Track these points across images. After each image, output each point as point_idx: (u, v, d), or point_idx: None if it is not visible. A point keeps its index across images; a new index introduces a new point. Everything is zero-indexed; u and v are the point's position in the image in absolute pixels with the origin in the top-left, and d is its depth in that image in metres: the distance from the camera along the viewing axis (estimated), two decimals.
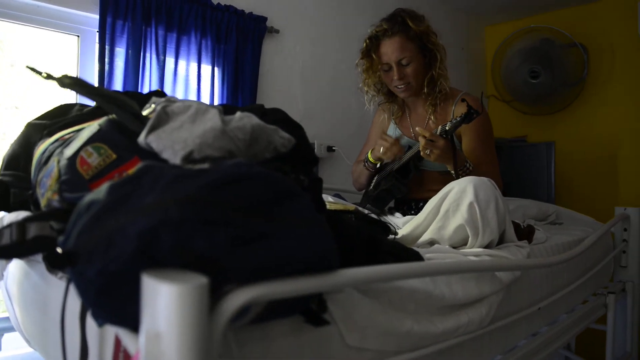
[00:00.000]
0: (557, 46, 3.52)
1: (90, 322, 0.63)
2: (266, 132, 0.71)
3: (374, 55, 1.78)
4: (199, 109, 0.69)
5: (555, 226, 2.10)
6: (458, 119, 1.54)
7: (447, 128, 1.56)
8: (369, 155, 1.87)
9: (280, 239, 0.52)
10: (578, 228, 2.01)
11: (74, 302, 0.63)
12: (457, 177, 1.59)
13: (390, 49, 1.74)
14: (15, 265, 1.03)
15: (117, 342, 0.62)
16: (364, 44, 1.81)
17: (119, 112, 0.72)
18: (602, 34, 3.52)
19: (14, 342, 1.47)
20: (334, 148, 2.72)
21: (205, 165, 0.58)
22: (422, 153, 1.60)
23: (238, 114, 0.71)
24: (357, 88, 1.97)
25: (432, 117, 1.83)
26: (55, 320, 0.72)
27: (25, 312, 1.01)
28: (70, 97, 1.84)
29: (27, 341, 1.09)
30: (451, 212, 1.26)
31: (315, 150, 2.63)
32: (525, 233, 1.47)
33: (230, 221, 0.49)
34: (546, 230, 1.77)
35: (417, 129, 1.58)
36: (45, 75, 0.70)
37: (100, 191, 0.53)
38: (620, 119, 3.46)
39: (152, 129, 0.66)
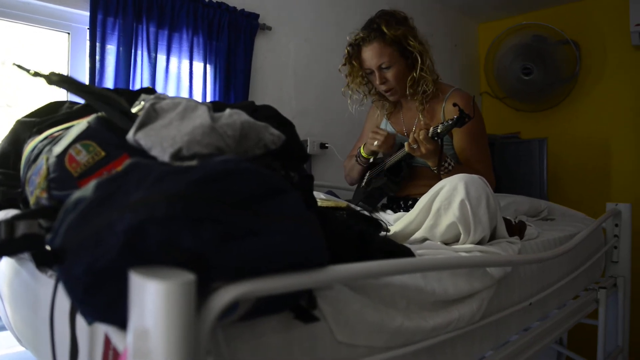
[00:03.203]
0: (549, 43, 3.53)
1: (80, 320, 0.62)
2: (256, 129, 0.71)
3: (354, 62, 1.82)
4: (188, 106, 0.68)
5: (547, 222, 2.11)
6: (450, 122, 1.54)
7: (438, 131, 1.57)
8: (362, 150, 1.88)
9: (269, 236, 0.52)
10: (570, 224, 2.02)
11: (64, 301, 0.63)
12: (439, 176, 1.61)
13: (369, 55, 1.77)
14: (5, 264, 1.02)
15: (107, 340, 0.62)
16: (346, 51, 1.84)
17: (107, 109, 0.72)
18: (594, 30, 3.54)
19: (6, 341, 1.46)
20: (327, 145, 2.72)
21: (194, 162, 0.58)
22: (407, 148, 1.62)
23: (227, 111, 0.71)
24: (342, 92, 1.98)
25: (426, 113, 1.84)
26: (45, 319, 0.72)
27: (15, 310, 1.00)
28: (62, 94, 1.83)
29: (19, 340, 1.09)
30: (443, 210, 1.27)
31: (308, 147, 2.63)
32: (516, 229, 1.47)
33: (218, 217, 0.49)
34: (538, 226, 1.77)
35: (418, 131, 1.60)
36: (32, 72, 0.69)
37: (87, 188, 0.53)
38: (612, 115, 3.48)
39: (141, 126, 0.66)
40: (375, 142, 1.80)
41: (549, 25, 3.55)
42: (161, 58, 2.07)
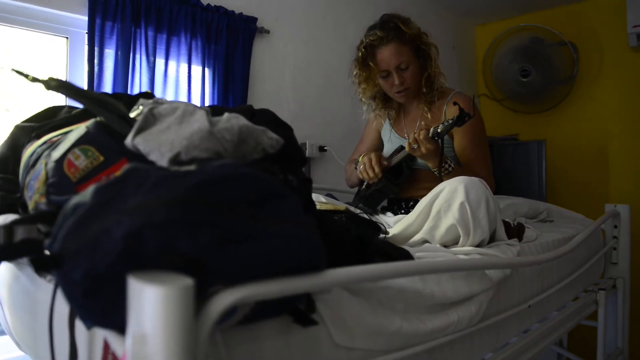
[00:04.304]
0: (547, 45, 3.54)
1: (79, 325, 0.63)
2: (254, 133, 0.72)
3: (371, 64, 1.78)
4: (186, 111, 0.69)
5: (546, 224, 2.11)
6: (450, 121, 1.54)
7: (439, 130, 1.57)
8: (361, 159, 1.88)
9: (267, 239, 0.52)
10: (569, 225, 2.03)
11: (63, 305, 0.63)
12: (440, 177, 1.61)
13: (387, 55, 1.75)
14: (4, 269, 1.02)
15: (106, 345, 0.62)
16: (359, 54, 1.81)
17: (105, 114, 0.72)
18: (592, 32, 3.55)
19: (5, 346, 1.46)
20: (325, 148, 2.72)
21: (192, 167, 0.58)
22: (408, 148, 1.61)
23: (226, 115, 0.71)
24: (350, 96, 1.97)
25: (428, 116, 1.84)
26: (44, 324, 0.72)
27: (15, 315, 1.00)
28: (61, 99, 1.83)
29: (18, 345, 1.08)
30: (443, 212, 1.27)
31: (307, 150, 2.63)
32: (515, 231, 1.47)
33: (216, 222, 0.49)
34: (537, 228, 1.77)
35: (418, 131, 1.59)
36: (31, 78, 0.70)
37: (86, 194, 0.53)
38: (610, 116, 3.49)
39: (139, 131, 0.66)
40: (362, 166, 1.79)
41: (547, 27, 3.56)
42: (160, 62, 2.07)
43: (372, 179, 1.76)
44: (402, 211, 1.82)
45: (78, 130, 0.75)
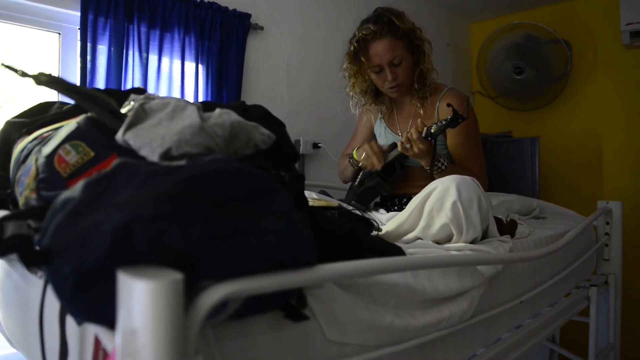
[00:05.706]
0: (541, 42, 3.55)
1: (70, 321, 0.62)
2: (246, 129, 0.71)
3: (363, 59, 1.77)
4: (177, 106, 0.68)
5: (538, 220, 2.12)
6: (444, 122, 1.54)
7: (432, 131, 1.57)
8: (354, 153, 1.87)
9: (258, 235, 0.52)
10: (561, 222, 2.04)
11: (54, 302, 0.62)
12: (431, 176, 1.61)
13: (381, 50, 1.73)
14: None
15: (97, 341, 0.62)
16: (351, 48, 1.79)
17: (96, 109, 0.72)
18: (585, 30, 3.56)
19: None
20: (319, 145, 2.72)
21: (183, 162, 0.58)
22: (400, 147, 1.61)
23: (217, 110, 0.71)
24: (341, 92, 1.96)
25: (421, 112, 1.84)
26: (35, 320, 0.71)
27: (6, 312, 1.00)
28: (55, 95, 1.82)
29: (10, 342, 1.08)
30: (435, 211, 1.27)
31: (301, 147, 2.63)
32: (507, 228, 1.48)
33: (206, 217, 0.49)
34: (529, 224, 1.78)
35: (411, 130, 1.58)
36: (21, 72, 0.69)
37: (75, 189, 0.53)
38: (603, 114, 3.51)
39: (130, 126, 0.66)
40: (364, 154, 1.78)
41: (541, 24, 3.57)
42: (153, 58, 2.07)
43: (377, 166, 1.75)
44: (395, 208, 1.83)
45: (69, 125, 0.75)
